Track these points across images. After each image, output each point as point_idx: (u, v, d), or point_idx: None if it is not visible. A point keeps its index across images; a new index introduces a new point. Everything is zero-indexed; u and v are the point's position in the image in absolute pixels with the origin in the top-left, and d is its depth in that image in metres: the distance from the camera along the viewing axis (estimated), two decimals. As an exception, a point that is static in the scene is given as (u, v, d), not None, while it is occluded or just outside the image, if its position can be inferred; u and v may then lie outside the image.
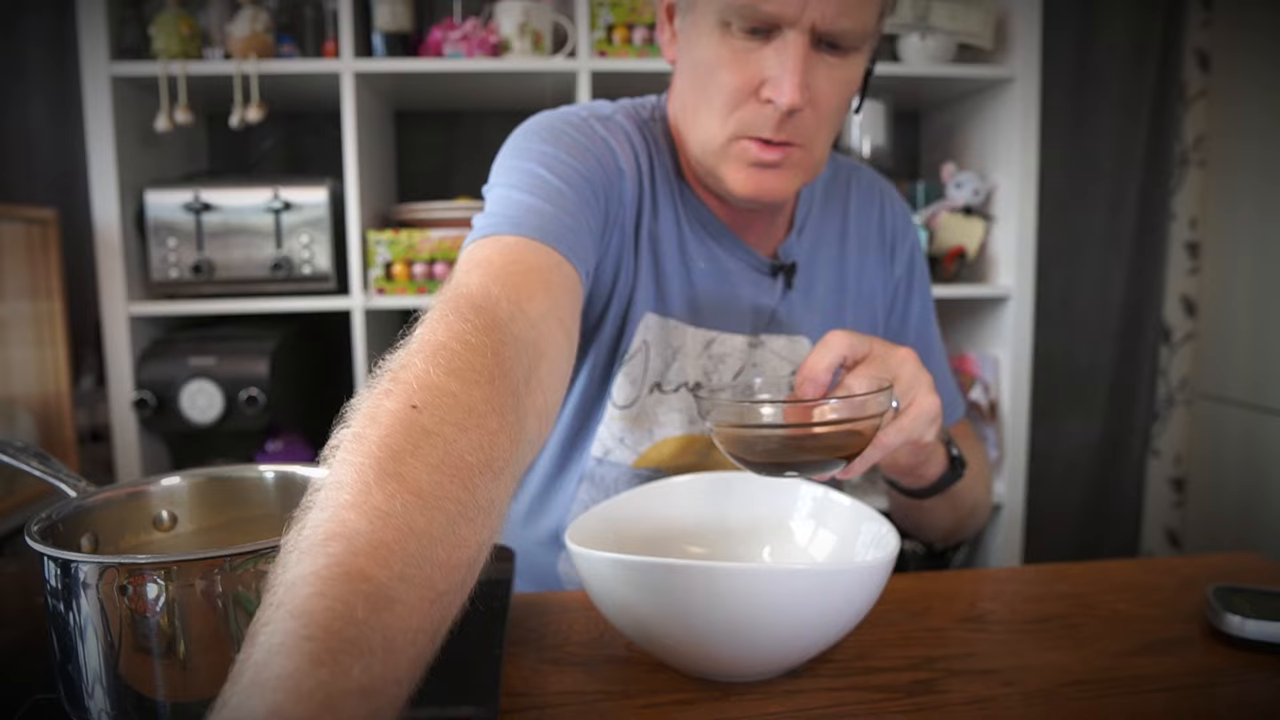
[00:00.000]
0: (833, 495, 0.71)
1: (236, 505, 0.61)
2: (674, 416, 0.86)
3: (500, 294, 0.58)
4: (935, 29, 1.78)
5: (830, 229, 0.92)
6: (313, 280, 1.71)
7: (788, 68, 0.71)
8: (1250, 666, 0.61)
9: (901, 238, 0.96)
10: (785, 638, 0.56)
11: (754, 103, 0.74)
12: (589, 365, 0.86)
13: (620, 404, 0.86)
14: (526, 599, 0.75)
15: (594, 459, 0.87)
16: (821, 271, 0.91)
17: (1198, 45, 2.28)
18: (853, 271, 0.92)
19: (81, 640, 0.45)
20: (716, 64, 0.74)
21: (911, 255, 0.96)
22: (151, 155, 1.78)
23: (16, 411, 1.60)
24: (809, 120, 0.74)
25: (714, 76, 0.74)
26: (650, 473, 0.86)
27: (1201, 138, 2.31)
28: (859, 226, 0.93)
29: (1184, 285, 2.36)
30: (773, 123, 0.74)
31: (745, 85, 0.73)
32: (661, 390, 0.86)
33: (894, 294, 0.96)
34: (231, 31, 1.65)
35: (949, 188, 1.89)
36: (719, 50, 0.74)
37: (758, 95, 0.73)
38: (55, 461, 0.60)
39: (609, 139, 0.81)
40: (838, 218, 0.93)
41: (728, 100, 0.74)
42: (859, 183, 0.95)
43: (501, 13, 1.72)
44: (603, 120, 0.83)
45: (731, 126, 0.75)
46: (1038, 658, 0.63)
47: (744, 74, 0.73)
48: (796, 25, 0.70)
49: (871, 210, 0.94)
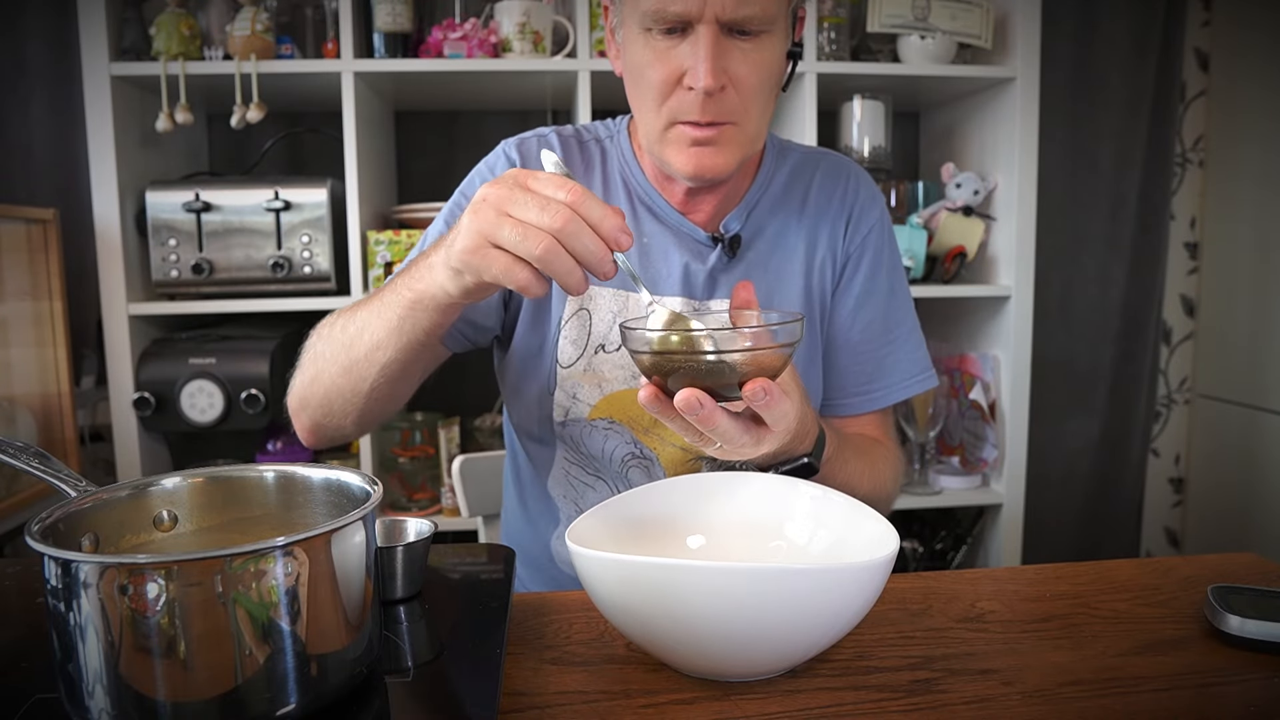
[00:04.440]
0: (832, 495, 0.71)
1: (236, 505, 0.61)
2: (618, 373, 0.96)
3: None
4: (935, 29, 1.78)
5: (787, 206, 1.00)
6: (313, 280, 1.71)
7: (700, 55, 0.82)
8: (1250, 666, 0.61)
9: (861, 214, 1.01)
10: (785, 638, 0.56)
11: (679, 91, 0.85)
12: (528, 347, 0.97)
13: (564, 364, 0.96)
14: (526, 599, 0.75)
15: (558, 424, 0.97)
16: (769, 240, 0.99)
17: (1198, 45, 2.28)
18: (805, 245, 0.99)
19: (81, 640, 0.45)
20: (644, 64, 0.85)
21: (872, 235, 1.01)
22: (151, 155, 1.78)
23: (16, 411, 1.60)
24: (732, 99, 0.85)
25: (644, 75, 0.86)
26: (606, 423, 0.96)
27: (1201, 138, 2.31)
28: (817, 202, 1.00)
29: (1184, 285, 2.36)
30: (697, 106, 0.84)
31: (669, 77, 0.84)
32: (605, 351, 0.96)
33: (843, 266, 1.01)
34: (231, 31, 1.65)
35: (949, 188, 1.89)
36: (644, 52, 0.85)
37: (681, 84, 0.84)
38: (55, 461, 0.60)
39: (517, 160, 0.97)
40: (797, 198, 1.00)
41: (657, 93, 0.85)
42: (828, 166, 1.03)
43: (501, 13, 1.72)
44: (520, 143, 0.99)
45: (665, 115, 0.86)
46: (1038, 658, 0.63)
47: (666, 68, 0.84)
48: (702, 19, 0.81)
49: (834, 186, 1.01)
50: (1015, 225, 1.83)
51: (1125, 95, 2.19)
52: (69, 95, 1.86)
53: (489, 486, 1.27)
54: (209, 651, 0.45)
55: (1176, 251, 2.34)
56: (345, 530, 0.50)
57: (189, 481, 0.60)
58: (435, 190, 2.07)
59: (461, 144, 2.11)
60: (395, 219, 1.85)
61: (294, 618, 0.47)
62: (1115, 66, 2.18)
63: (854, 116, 1.89)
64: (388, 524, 0.71)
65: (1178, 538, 2.43)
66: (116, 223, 1.64)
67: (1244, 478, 2.18)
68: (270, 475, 0.61)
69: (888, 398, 1.02)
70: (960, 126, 2.04)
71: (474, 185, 0.98)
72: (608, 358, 0.95)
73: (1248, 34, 2.17)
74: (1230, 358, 2.24)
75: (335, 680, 0.50)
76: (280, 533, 0.48)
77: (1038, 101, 1.81)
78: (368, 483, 0.57)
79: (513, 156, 0.98)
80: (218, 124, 2.01)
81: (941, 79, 1.85)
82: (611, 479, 0.98)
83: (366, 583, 0.53)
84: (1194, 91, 2.30)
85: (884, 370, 1.01)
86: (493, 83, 1.79)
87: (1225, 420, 2.25)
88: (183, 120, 1.64)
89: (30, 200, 1.84)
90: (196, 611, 0.45)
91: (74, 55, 1.72)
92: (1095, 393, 2.27)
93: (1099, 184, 2.22)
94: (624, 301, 0.95)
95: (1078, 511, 2.31)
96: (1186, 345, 2.38)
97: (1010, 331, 1.86)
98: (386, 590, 0.66)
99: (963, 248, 1.84)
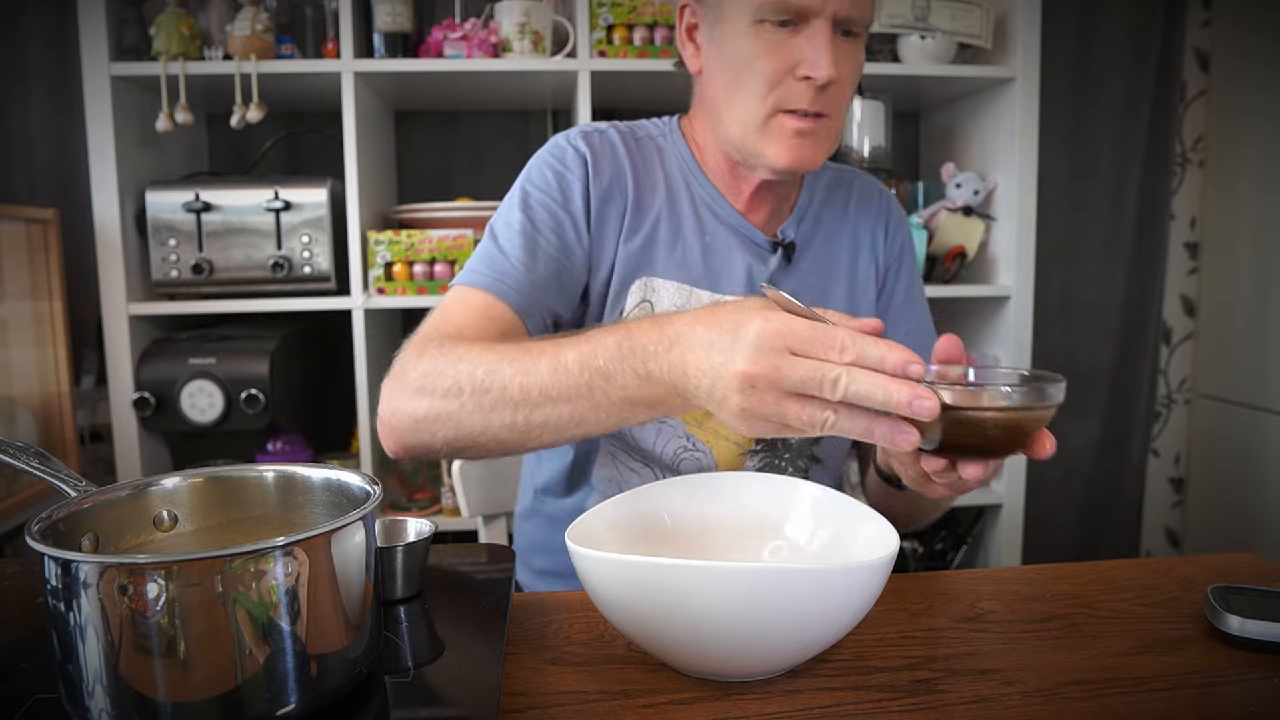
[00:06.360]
0: (832, 495, 0.71)
1: (236, 505, 0.61)
2: None
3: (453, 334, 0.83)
4: (935, 29, 1.78)
5: (830, 215, 1.04)
6: (313, 280, 1.71)
7: (821, 48, 0.85)
8: (1250, 666, 0.61)
9: (895, 229, 1.09)
10: (785, 638, 0.56)
11: (789, 81, 0.87)
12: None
13: None
14: (526, 599, 0.75)
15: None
16: (818, 250, 1.03)
17: (1198, 45, 2.28)
18: (848, 253, 1.04)
19: (81, 640, 0.45)
20: (754, 54, 0.87)
21: (903, 246, 1.09)
22: (151, 155, 1.78)
23: (17, 411, 1.60)
24: (835, 94, 0.88)
25: (751, 66, 0.88)
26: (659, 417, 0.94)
27: (1201, 138, 2.31)
28: (857, 213, 1.06)
29: (1184, 285, 2.36)
30: (809, 96, 0.87)
31: (781, 68, 0.87)
32: None
33: (886, 274, 1.07)
34: (231, 31, 1.65)
35: (949, 188, 1.89)
36: (756, 43, 0.87)
37: (793, 75, 0.87)
38: (55, 461, 0.60)
39: (587, 153, 0.96)
40: (839, 208, 1.06)
41: (766, 82, 0.87)
42: (861, 184, 1.09)
43: (501, 13, 1.72)
44: (587, 135, 0.98)
45: (771, 103, 0.88)
46: (1038, 658, 0.63)
47: (780, 59, 0.87)
48: (822, 14, 0.85)
49: (870, 201, 1.08)
50: (1015, 225, 1.83)
51: (1125, 95, 2.19)
52: (69, 95, 1.86)
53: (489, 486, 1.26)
54: (209, 651, 0.45)
55: (1176, 251, 2.34)
56: (345, 530, 0.50)
57: (189, 481, 0.60)
58: (435, 190, 2.07)
59: (461, 144, 2.11)
60: (395, 219, 1.85)
61: (294, 618, 0.47)
62: (1115, 66, 2.18)
63: (854, 116, 1.89)
64: (388, 524, 0.71)
65: (1178, 538, 2.43)
66: (116, 223, 1.64)
67: (1244, 478, 2.18)
68: (270, 475, 0.61)
69: None
70: (960, 126, 2.04)
71: (544, 176, 0.95)
72: None
73: (1248, 34, 2.17)
74: (1230, 358, 2.24)
75: (335, 680, 0.50)
76: (280, 533, 0.47)
77: (1038, 101, 1.81)
78: (368, 483, 0.57)
79: (582, 150, 0.96)
80: (218, 124, 2.01)
81: (941, 79, 1.85)
82: (661, 470, 0.98)
83: (366, 583, 0.53)
84: (1194, 91, 2.30)
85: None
86: (493, 83, 1.79)
87: (1225, 420, 2.25)
88: (183, 120, 1.64)
89: (30, 200, 1.84)
90: (196, 611, 0.45)
91: (74, 55, 1.72)
92: (1095, 393, 2.27)
93: (1099, 184, 2.22)
94: (687, 295, 0.96)
95: (1078, 511, 2.31)
96: (1186, 345, 2.38)
97: (1010, 331, 1.86)
98: (386, 590, 0.66)
99: (963, 248, 1.84)
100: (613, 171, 0.96)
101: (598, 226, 0.95)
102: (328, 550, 0.49)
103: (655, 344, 0.64)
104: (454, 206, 1.77)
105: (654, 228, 0.97)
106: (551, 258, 0.92)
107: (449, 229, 1.72)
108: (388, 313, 1.98)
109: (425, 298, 1.71)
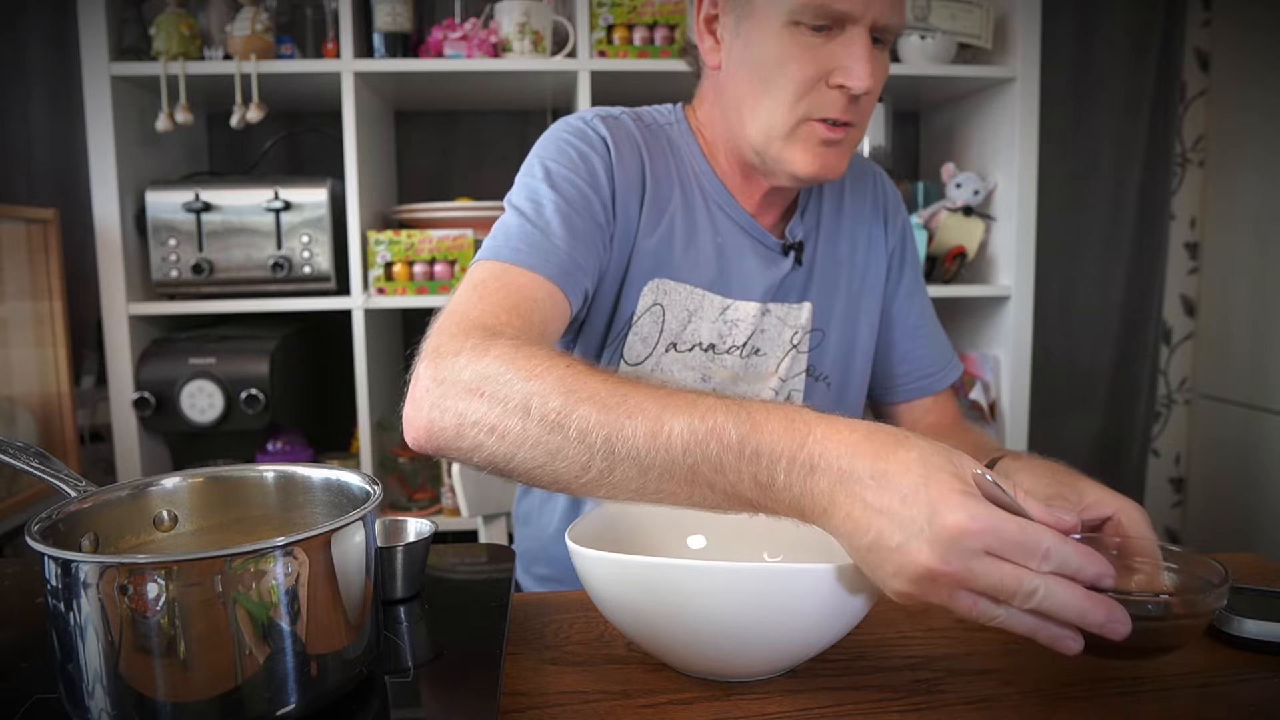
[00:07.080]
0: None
1: (236, 505, 0.61)
2: (687, 375, 0.94)
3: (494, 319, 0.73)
4: (935, 29, 1.78)
5: (828, 208, 1.02)
6: (313, 280, 1.71)
7: (859, 57, 0.81)
8: (1250, 666, 0.61)
9: (894, 211, 1.06)
10: (785, 638, 0.56)
11: (821, 88, 0.84)
12: (595, 336, 0.93)
13: (631, 361, 0.93)
14: (526, 599, 0.75)
15: None
16: (822, 246, 1.00)
17: (1198, 45, 2.28)
18: (848, 243, 1.02)
19: (81, 640, 0.45)
20: (785, 58, 0.83)
21: (903, 228, 1.07)
22: (151, 155, 1.78)
23: (16, 411, 1.60)
24: (865, 103, 0.86)
25: (782, 69, 0.83)
26: None
27: (1201, 138, 2.31)
28: (854, 203, 1.03)
29: (1184, 285, 2.36)
30: (841, 105, 0.84)
31: (815, 74, 0.83)
32: (676, 350, 0.93)
33: (890, 261, 1.06)
34: (231, 31, 1.65)
35: (949, 188, 1.89)
36: (788, 47, 0.83)
37: (826, 82, 0.83)
38: (55, 461, 0.60)
39: (608, 137, 0.90)
40: (835, 202, 1.02)
41: (798, 88, 0.84)
42: (851, 168, 1.04)
43: (501, 13, 1.72)
44: (605, 119, 0.92)
45: (801, 110, 0.84)
46: (1038, 658, 0.63)
47: (814, 65, 0.83)
48: (861, 21, 0.81)
49: (864, 188, 1.05)
50: (1015, 225, 1.83)
51: (1125, 95, 2.19)
52: (69, 95, 1.86)
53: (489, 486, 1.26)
54: (209, 651, 0.45)
55: (1176, 251, 2.34)
56: (345, 530, 0.50)
57: (189, 481, 0.60)
58: (435, 190, 2.07)
59: (461, 144, 2.11)
60: (395, 219, 1.85)
61: (294, 618, 0.47)
62: (1115, 66, 2.18)
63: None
64: (388, 524, 0.71)
65: (1178, 538, 2.43)
66: (116, 223, 1.64)
67: (1244, 478, 2.18)
68: (270, 475, 0.61)
69: (950, 375, 1.08)
70: (960, 126, 2.04)
71: (566, 154, 0.88)
72: (678, 357, 0.93)
73: (1248, 34, 2.17)
74: (1230, 358, 2.24)
75: (335, 680, 0.50)
76: (280, 533, 0.47)
77: (1038, 102, 1.81)
78: (368, 483, 0.57)
79: (603, 133, 0.90)
80: (218, 124, 2.01)
81: (941, 79, 1.85)
82: None
83: (366, 583, 0.53)
84: (1194, 91, 2.30)
85: (942, 349, 1.08)
86: (493, 83, 1.79)
87: (1225, 420, 2.25)
88: (183, 120, 1.64)
89: (30, 200, 1.84)
90: (196, 611, 0.45)
91: (74, 55, 1.72)
92: (1095, 393, 2.27)
93: (1099, 184, 2.22)
94: (700, 300, 0.93)
95: (1078, 511, 2.31)
96: (1186, 345, 2.38)
97: (1010, 331, 1.86)
98: (386, 590, 0.66)
99: (963, 248, 1.84)
100: (633, 160, 0.91)
101: (621, 215, 0.89)
102: (328, 550, 0.49)
103: (789, 458, 0.53)
104: (454, 206, 1.77)
105: (670, 225, 0.92)
106: (591, 238, 0.85)
107: (449, 229, 1.72)
108: (388, 313, 1.98)
109: (425, 298, 1.71)
